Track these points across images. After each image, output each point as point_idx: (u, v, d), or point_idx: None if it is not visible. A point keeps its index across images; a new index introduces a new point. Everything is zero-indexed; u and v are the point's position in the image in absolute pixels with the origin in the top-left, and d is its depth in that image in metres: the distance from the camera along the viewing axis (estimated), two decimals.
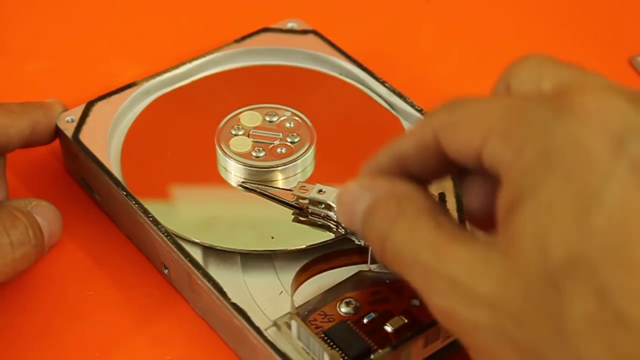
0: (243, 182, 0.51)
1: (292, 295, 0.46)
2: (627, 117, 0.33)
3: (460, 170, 0.40)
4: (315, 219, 0.49)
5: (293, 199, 0.49)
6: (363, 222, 0.40)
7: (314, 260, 0.48)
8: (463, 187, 0.40)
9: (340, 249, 0.48)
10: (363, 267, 0.47)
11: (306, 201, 0.49)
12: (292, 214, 0.49)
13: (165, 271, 0.50)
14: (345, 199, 0.41)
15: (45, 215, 0.50)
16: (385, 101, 0.57)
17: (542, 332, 0.33)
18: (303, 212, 0.49)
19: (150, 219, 0.49)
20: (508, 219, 0.34)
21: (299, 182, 0.50)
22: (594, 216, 0.32)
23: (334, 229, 0.48)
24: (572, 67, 0.37)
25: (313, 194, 0.48)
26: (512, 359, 0.33)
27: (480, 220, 0.40)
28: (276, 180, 0.52)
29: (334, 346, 0.43)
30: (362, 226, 0.40)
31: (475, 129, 0.36)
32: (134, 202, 0.49)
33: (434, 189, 0.48)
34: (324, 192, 0.49)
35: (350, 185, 0.41)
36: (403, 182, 0.40)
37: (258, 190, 0.51)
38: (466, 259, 0.35)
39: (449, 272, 0.35)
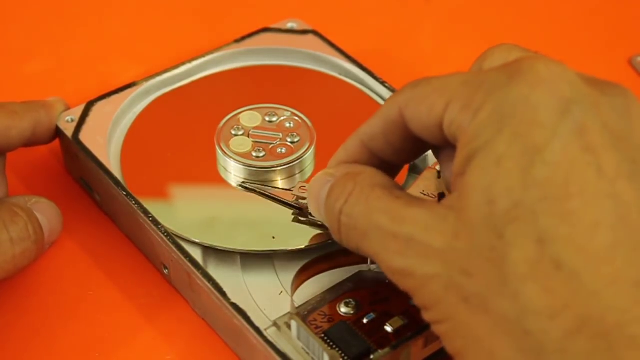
0: (243, 182, 0.51)
1: (292, 296, 0.46)
2: (576, 86, 0.36)
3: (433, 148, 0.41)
4: (315, 219, 0.48)
5: (293, 199, 0.49)
6: (325, 205, 0.41)
7: (314, 260, 0.48)
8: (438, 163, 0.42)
9: (341, 249, 0.47)
10: (363, 267, 0.47)
11: (306, 201, 0.49)
12: (292, 214, 0.49)
13: (165, 271, 0.50)
14: (312, 189, 0.43)
15: (45, 212, 0.50)
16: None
17: (486, 278, 0.34)
18: (303, 212, 0.49)
19: (150, 219, 0.49)
20: (460, 176, 0.36)
21: (299, 182, 0.50)
22: (538, 169, 0.34)
23: None
24: (538, 53, 0.39)
25: None
26: (457, 306, 0.35)
27: None
28: (276, 180, 0.52)
29: (334, 346, 0.43)
30: (324, 210, 0.41)
31: (437, 100, 0.38)
32: (134, 202, 0.49)
33: (434, 189, 0.48)
34: None
35: (317, 175, 0.43)
36: (361, 165, 0.41)
37: (258, 190, 0.51)
38: (422, 219, 0.36)
39: (405, 232, 0.37)
